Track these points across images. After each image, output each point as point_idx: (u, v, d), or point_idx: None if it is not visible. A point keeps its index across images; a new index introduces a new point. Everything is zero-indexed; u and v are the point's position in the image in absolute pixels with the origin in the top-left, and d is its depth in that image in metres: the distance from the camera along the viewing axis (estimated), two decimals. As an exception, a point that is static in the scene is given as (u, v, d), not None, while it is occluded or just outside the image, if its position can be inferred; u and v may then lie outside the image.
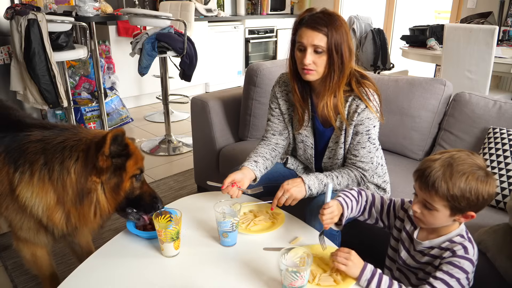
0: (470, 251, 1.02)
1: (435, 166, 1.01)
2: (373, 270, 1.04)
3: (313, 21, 1.28)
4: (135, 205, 1.24)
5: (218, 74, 5.14)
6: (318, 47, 1.28)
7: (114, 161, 1.15)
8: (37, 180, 1.13)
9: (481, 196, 0.99)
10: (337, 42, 1.27)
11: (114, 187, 1.17)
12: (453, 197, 0.98)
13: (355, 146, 1.41)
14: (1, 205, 1.22)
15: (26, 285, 1.71)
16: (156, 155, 3.22)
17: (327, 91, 1.35)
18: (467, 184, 0.98)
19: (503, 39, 3.76)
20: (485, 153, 1.62)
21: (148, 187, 1.28)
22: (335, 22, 1.27)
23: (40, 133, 1.19)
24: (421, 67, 4.42)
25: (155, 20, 3.00)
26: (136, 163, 1.21)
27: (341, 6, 5.51)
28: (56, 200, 1.15)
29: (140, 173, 1.24)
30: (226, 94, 2.28)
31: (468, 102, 1.77)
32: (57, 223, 1.19)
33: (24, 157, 1.15)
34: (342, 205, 1.19)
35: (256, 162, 1.48)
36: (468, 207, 1.00)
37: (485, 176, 0.99)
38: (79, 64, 3.70)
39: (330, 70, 1.31)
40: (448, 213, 1.02)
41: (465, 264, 1.00)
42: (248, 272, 1.08)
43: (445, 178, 0.99)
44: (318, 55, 1.30)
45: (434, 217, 1.04)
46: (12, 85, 2.48)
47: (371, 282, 1.02)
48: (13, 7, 2.36)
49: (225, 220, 1.16)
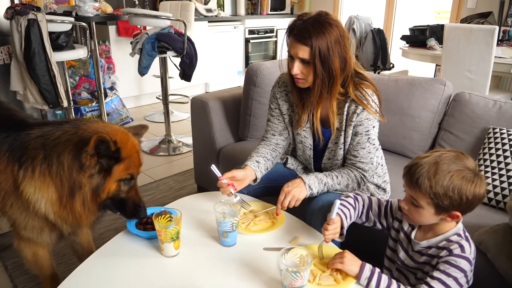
0: (466, 250, 1.02)
1: (421, 163, 1.02)
2: (372, 269, 1.04)
3: (299, 31, 1.26)
4: (118, 207, 1.24)
5: (218, 74, 5.14)
6: (304, 59, 1.28)
7: (101, 161, 1.13)
8: (38, 174, 1.14)
9: (464, 196, 0.99)
10: (322, 53, 1.25)
11: (94, 187, 1.15)
12: (436, 194, 0.99)
13: (355, 146, 1.41)
14: (6, 203, 1.22)
15: (26, 285, 1.71)
16: (156, 155, 3.22)
17: (319, 98, 1.36)
18: (450, 182, 0.98)
19: (503, 39, 3.76)
20: (485, 153, 1.62)
21: (136, 194, 1.25)
22: (322, 32, 1.24)
23: (40, 129, 1.20)
24: (421, 67, 4.42)
25: (155, 20, 3.00)
26: (128, 168, 1.18)
27: (341, 6, 5.51)
28: (57, 194, 1.16)
29: (130, 178, 1.21)
30: (226, 94, 2.28)
31: (468, 102, 1.77)
32: (65, 218, 1.20)
33: (26, 154, 1.16)
34: (341, 216, 1.18)
35: (258, 162, 1.48)
36: (452, 206, 1.01)
37: (472, 177, 0.99)
38: (79, 64, 3.70)
39: (318, 79, 1.31)
40: (433, 211, 1.03)
41: (462, 262, 1.00)
42: (248, 272, 1.08)
43: (429, 175, 1.00)
44: (305, 65, 1.30)
45: (420, 214, 1.06)
46: (12, 85, 2.48)
47: (371, 280, 1.02)
48: (13, 7, 2.36)
49: (225, 220, 1.16)
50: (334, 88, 1.33)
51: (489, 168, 1.57)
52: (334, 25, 1.26)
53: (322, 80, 1.31)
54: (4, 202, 1.22)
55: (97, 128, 1.18)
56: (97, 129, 1.17)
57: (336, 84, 1.33)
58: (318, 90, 1.33)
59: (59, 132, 1.17)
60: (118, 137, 1.17)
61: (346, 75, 1.34)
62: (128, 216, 1.25)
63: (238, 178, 1.39)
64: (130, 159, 1.19)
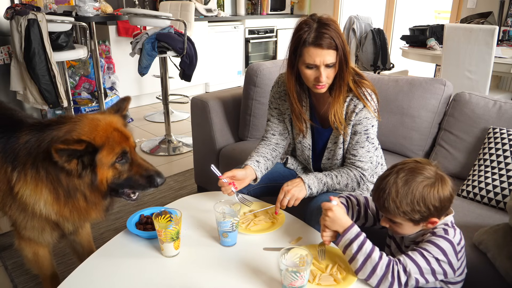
0: (450, 233, 1.05)
1: (383, 186, 1.05)
2: (358, 233, 1.05)
3: (319, 38, 1.24)
4: (129, 186, 1.20)
5: (218, 74, 5.14)
6: (330, 64, 1.27)
7: (81, 159, 1.10)
8: (30, 179, 1.14)
9: (431, 205, 1.02)
10: (343, 49, 1.27)
11: (89, 183, 1.14)
12: (404, 212, 1.03)
13: (354, 145, 1.41)
14: (5, 204, 1.23)
15: (26, 285, 1.71)
16: (156, 155, 3.22)
17: (337, 97, 1.35)
18: (413, 197, 1.01)
19: (503, 39, 3.76)
20: (485, 153, 1.62)
21: (140, 168, 1.19)
22: (335, 30, 1.26)
23: (27, 134, 1.18)
24: (421, 67, 4.42)
25: (155, 20, 3.00)
26: (112, 150, 1.13)
27: (341, 6, 5.51)
28: (52, 196, 1.16)
29: (121, 157, 1.16)
30: (226, 94, 2.28)
31: (468, 102, 1.77)
32: (67, 217, 1.20)
33: (17, 159, 1.16)
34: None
35: (258, 162, 1.48)
36: (425, 217, 1.04)
37: (432, 183, 1.02)
38: (79, 64, 3.70)
39: (340, 77, 1.31)
40: (411, 224, 1.06)
41: (443, 243, 1.02)
42: (248, 272, 1.08)
43: (392, 197, 1.03)
44: (329, 69, 1.29)
45: (402, 229, 1.09)
46: (12, 85, 2.48)
47: (353, 243, 1.04)
48: (13, 7, 2.36)
49: (225, 220, 1.16)
50: (346, 79, 1.34)
51: (489, 168, 1.57)
52: (335, 21, 1.29)
53: (343, 78, 1.31)
54: (4, 202, 1.23)
55: (69, 130, 1.14)
56: (69, 131, 1.13)
57: (348, 75, 1.33)
58: (343, 81, 1.33)
59: (40, 138, 1.15)
60: (87, 129, 1.13)
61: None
62: (143, 188, 1.20)
63: (238, 178, 1.39)
64: (109, 141, 1.14)
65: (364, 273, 1.02)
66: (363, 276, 1.02)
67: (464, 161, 1.75)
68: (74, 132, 1.12)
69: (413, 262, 1.00)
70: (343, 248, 1.06)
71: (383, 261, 1.01)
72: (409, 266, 0.99)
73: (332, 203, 1.10)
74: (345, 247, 1.05)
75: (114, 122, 1.20)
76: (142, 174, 1.19)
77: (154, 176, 1.20)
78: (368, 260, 1.01)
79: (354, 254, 1.03)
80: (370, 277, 1.01)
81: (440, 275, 1.02)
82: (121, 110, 1.30)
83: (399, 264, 1.00)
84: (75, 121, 1.17)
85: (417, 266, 1.00)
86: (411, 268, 0.99)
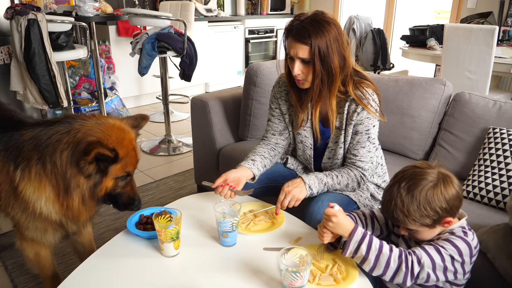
0: (469, 236, 1.04)
1: (389, 197, 1.05)
2: (364, 232, 1.04)
3: (298, 31, 1.26)
4: (112, 200, 1.26)
5: (218, 74, 5.14)
6: (304, 58, 1.28)
7: (99, 164, 1.14)
8: (34, 175, 1.15)
9: (438, 207, 1.01)
10: (322, 51, 1.26)
11: (92, 186, 1.17)
12: (415, 219, 1.02)
13: (355, 145, 1.41)
14: (8, 204, 1.23)
15: (26, 285, 1.71)
16: (156, 155, 3.22)
17: (318, 97, 1.36)
18: (418, 204, 1.01)
19: (503, 39, 3.76)
20: (485, 153, 1.62)
21: (131, 190, 1.27)
22: (321, 31, 1.24)
23: (32, 130, 1.19)
24: (421, 67, 4.42)
25: (155, 20, 3.00)
26: (125, 167, 1.20)
27: (341, 6, 5.51)
28: (54, 192, 1.16)
29: (126, 175, 1.23)
30: (226, 94, 2.28)
31: (468, 102, 1.77)
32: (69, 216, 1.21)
33: (21, 155, 1.16)
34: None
35: (253, 160, 1.48)
36: (437, 219, 1.03)
37: (434, 185, 1.01)
38: (79, 64, 3.70)
39: (317, 78, 1.31)
40: (426, 228, 1.05)
41: (460, 243, 1.01)
42: (248, 272, 1.08)
43: (399, 207, 1.03)
44: (305, 65, 1.30)
45: (420, 234, 1.08)
46: (12, 85, 2.48)
47: (362, 244, 1.02)
48: (13, 7, 2.36)
49: (225, 220, 1.16)
50: (334, 86, 1.34)
51: (489, 168, 1.57)
52: (332, 23, 1.27)
53: (322, 79, 1.31)
54: (7, 202, 1.23)
55: (92, 128, 1.16)
56: (92, 129, 1.16)
57: (336, 83, 1.33)
58: (317, 89, 1.33)
59: (51, 132, 1.17)
60: (115, 137, 1.16)
61: (345, 74, 1.34)
62: (121, 208, 1.27)
63: (230, 180, 1.38)
64: (127, 158, 1.20)
65: (379, 269, 1.00)
66: (378, 272, 1.01)
67: (464, 161, 1.75)
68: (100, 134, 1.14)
69: (428, 256, 0.99)
70: (352, 254, 1.04)
71: (394, 253, 1.00)
72: (423, 259, 0.99)
73: (335, 209, 1.09)
74: (355, 251, 1.03)
75: (133, 140, 1.25)
76: (129, 195, 1.27)
77: (137, 202, 1.28)
78: (380, 256, 1.00)
79: (365, 255, 1.01)
80: (385, 272, 1.00)
81: (450, 274, 1.01)
82: (138, 128, 1.35)
83: (413, 255, 1.00)
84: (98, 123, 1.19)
85: (431, 260, 0.99)
86: (425, 260, 0.99)
